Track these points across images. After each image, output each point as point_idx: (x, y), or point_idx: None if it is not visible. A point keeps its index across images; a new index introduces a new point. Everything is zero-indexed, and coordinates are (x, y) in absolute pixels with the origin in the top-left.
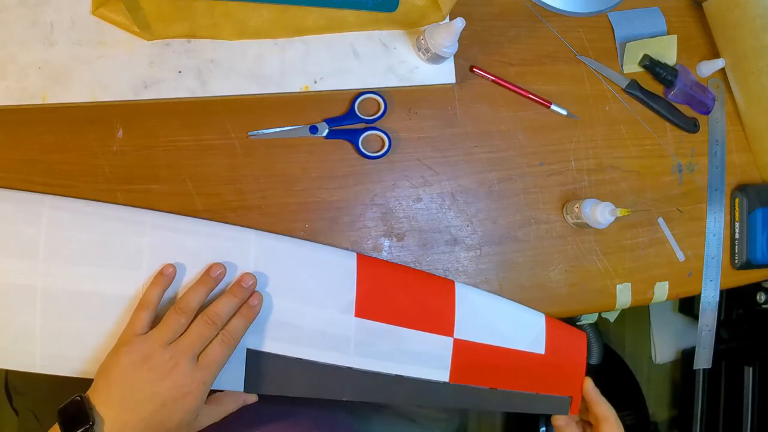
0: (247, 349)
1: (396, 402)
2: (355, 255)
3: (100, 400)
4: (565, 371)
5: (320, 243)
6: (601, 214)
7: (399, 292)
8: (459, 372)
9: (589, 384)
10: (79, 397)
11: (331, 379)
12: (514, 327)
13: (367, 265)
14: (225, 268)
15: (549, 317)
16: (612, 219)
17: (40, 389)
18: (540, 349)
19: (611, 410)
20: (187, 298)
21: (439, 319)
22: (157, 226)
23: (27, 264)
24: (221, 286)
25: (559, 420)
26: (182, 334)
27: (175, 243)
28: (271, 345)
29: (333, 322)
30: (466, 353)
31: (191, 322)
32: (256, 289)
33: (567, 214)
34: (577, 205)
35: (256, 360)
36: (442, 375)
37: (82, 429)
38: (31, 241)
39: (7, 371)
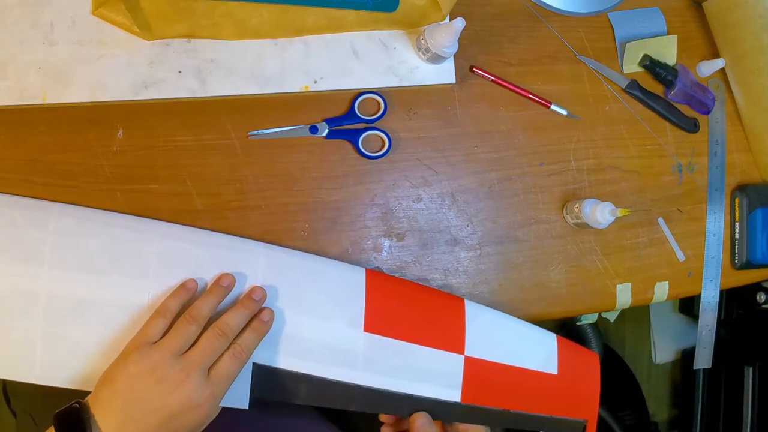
0: (254, 363)
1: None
2: (363, 270)
3: (101, 408)
4: (578, 393)
5: (329, 257)
6: (601, 214)
7: (408, 308)
8: (471, 391)
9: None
10: (77, 404)
11: (339, 396)
12: (525, 346)
13: (376, 279)
14: (234, 278)
15: (560, 337)
16: (612, 219)
17: (37, 392)
18: (552, 369)
19: (482, 428)
20: (198, 306)
21: (450, 336)
22: (165, 236)
23: (31, 269)
24: (230, 298)
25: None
26: (193, 345)
27: (183, 253)
28: (278, 359)
29: (341, 337)
30: (477, 372)
31: (202, 333)
32: (265, 303)
33: (567, 214)
34: (577, 205)
35: (262, 375)
36: (454, 395)
37: None
38: (37, 245)
39: None
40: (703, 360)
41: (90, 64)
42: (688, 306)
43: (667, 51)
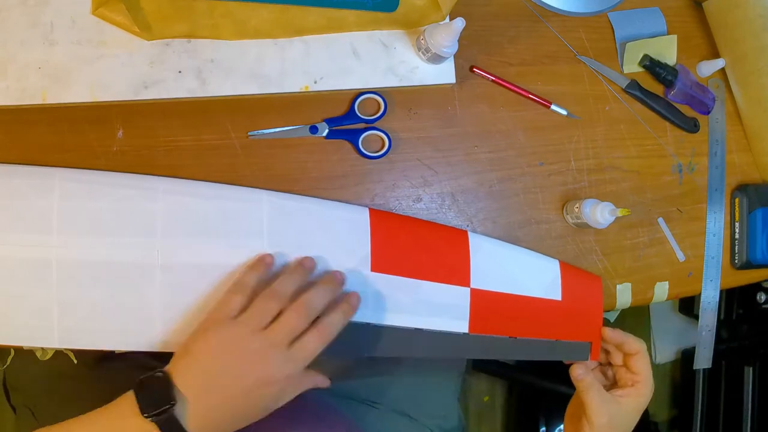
0: None
1: (416, 355)
2: (367, 210)
3: (182, 380)
4: (582, 316)
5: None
6: (601, 214)
7: (413, 245)
8: (478, 322)
9: (607, 330)
10: (161, 373)
11: (350, 336)
12: (529, 274)
13: (380, 219)
14: (315, 261)
15: (563, 263)
16: (612, 219)
17: (36, 385)
18: (556, 295)
19: (640, 342)
20: (281, 284)
21: (455, 270)
22: (169, 192)
23: (41, 237)
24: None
25: (577, 369)
26: (273, 321)
27: (188, 207)
28: None
29: (350, 278)
30: (484, 303)
31: (283, 311)
32: (271, 250)
33: (567, 214)
34: (577, 205)
35: None
36: (462, 326)
37: (162, 408)
38: (44, 213)
39: (4, 369)
40: (703, 360)
41: (90, 64)
42: (688, 306)
43: (667, 51)
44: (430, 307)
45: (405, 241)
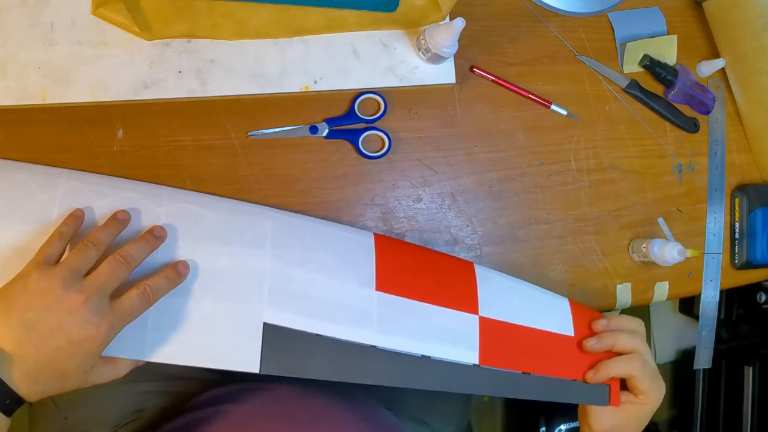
0: (264, 323)
1: (424, 387)
2: (371, 234)
3: None
4: (598, 357)
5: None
6: (669, 254)
7: (418, 269)
8: (489, 353)
9: (598, 325)
10: None
11: (354, 359)
12: (539, 307)
13: (385, 242)
14: (129, 214)
15: (573, 301)
16: (681, 258)
17: None
18: (569, 330)
19: (633, 339)
20: (98, 233)
21: (462, 297)
22: (174, 200)
23: (40, 229)
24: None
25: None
26: (93, 269)
27: (193, 213)
28: (290, 319)
29: (353, 296)
30: (493, 332)
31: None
32: (274, 264)
33: (633, 252)
34: (644, 245)
35: (273, 336)
36: (471, 356)
37: None
38: (46, 207)
39: None
40: (703, 360)
41: (90, 64)
42: (688, 306)
43: (667, 51)
44: (438, 333)
45: (410, 264)
